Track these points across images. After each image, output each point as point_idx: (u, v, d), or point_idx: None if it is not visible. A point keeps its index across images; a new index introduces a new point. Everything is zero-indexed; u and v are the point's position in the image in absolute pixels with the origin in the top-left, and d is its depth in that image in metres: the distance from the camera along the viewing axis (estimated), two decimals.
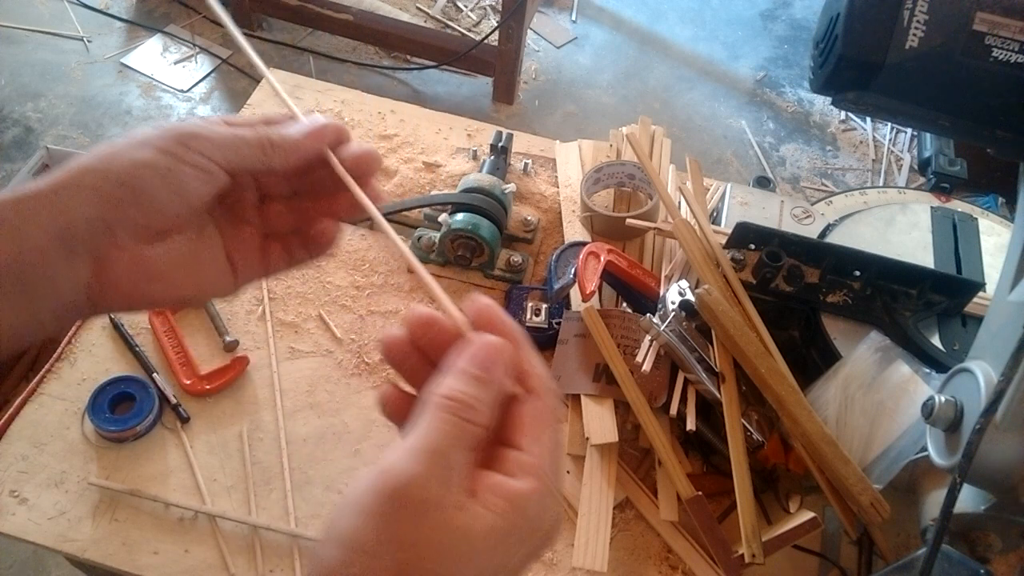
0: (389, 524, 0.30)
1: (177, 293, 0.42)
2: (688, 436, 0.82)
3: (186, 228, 0.42)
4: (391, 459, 0.31)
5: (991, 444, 0.57)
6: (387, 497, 0.30)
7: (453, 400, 0.32)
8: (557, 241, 1.03)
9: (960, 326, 0.86)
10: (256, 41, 2.58)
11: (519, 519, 0.32)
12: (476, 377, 0.33)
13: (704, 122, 2.60)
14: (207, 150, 0.40)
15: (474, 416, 0.32)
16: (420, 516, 0.30)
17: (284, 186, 0.46)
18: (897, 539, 0.79)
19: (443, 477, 0.31)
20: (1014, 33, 0.56)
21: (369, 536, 0.30)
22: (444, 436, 0.31)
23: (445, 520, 0.30)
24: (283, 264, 0.47)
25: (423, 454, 0.31)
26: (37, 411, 0.84)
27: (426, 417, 0.32)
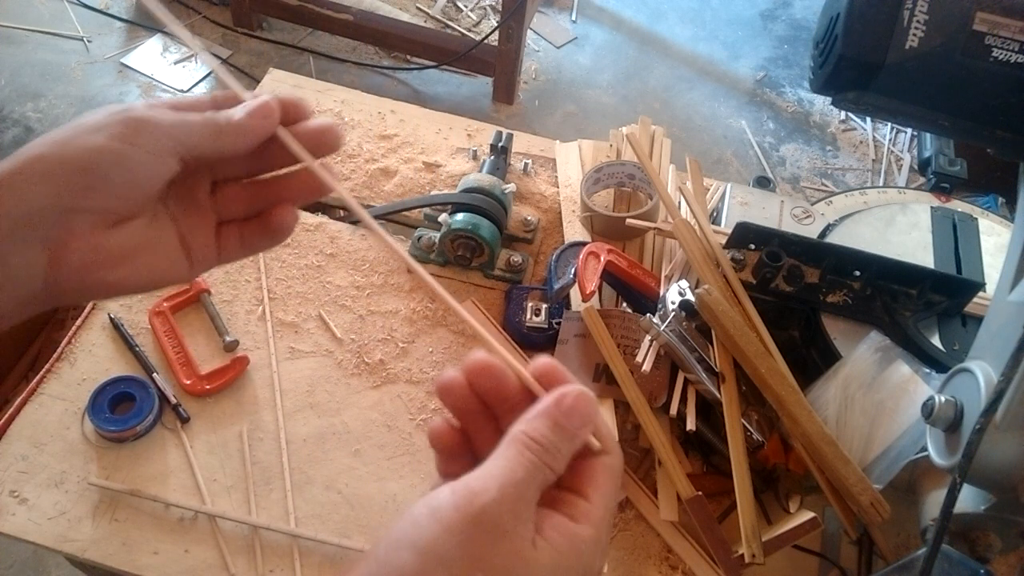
0: (469, 541, 0.32)
1: (134, 280, 0.42)
2: (688, 436, 0.82)
3: (141, 214, 0.42)
4: (473, 482, 0.33)
5: (991, 444, 0.57)
6: (470, 517, 0.32)
7: (537, 442, 0.35)
8: (557, 241, 1.03)
9: (960, 326, 0.86)
10: (256, 41, 2.58)
11: (575, 560, 0.34)
12: (561, 426, 0.35)
13: (704, 122, 2.60)
14: (158, 136, 0.40)
15: (552, 461, 0.35)
16: (497, 540, 0.32)
17: (238, 169, 0.46)
18: (897, 539, 0.79)
19: (518, 508, 0.33)
20: (1014, 33, 0.56)
21: (449, 549, 0.32)
22: (524, 472, 0.34)
23: (517, 549, 0.32)
24: (239, 251, 0.47)
25: (505, 485, 0.33)
26: (37, 411, 0.84)
27: (510, 451, 0.34)
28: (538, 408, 0.36)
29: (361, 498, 0.82)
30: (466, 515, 0.32)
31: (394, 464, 0.84)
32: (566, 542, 0.34)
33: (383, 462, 0.84)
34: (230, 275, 0.96)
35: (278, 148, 0.43)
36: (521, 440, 0.35)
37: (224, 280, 0.96)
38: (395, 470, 0.84)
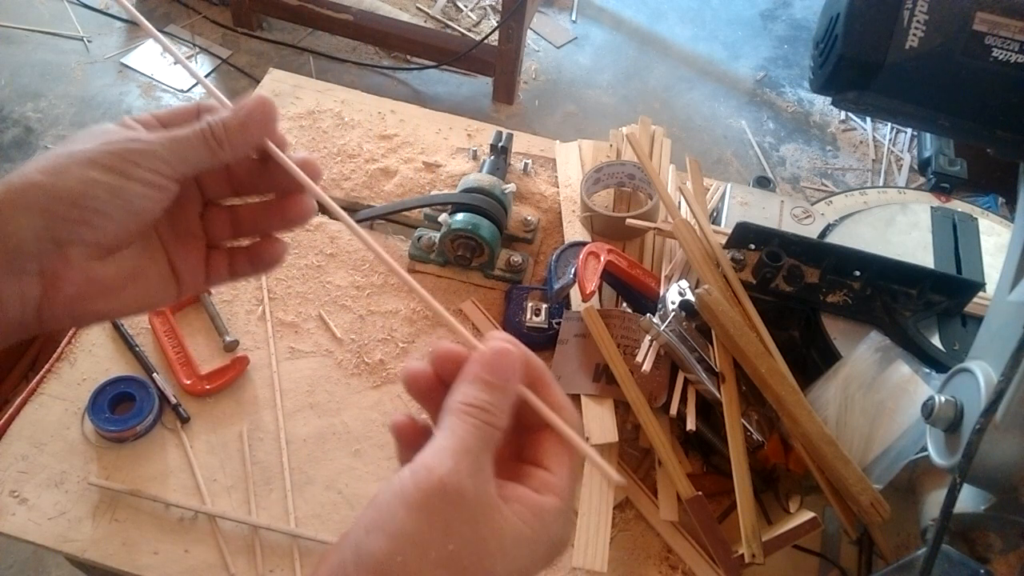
0: (435, 515, 0.32)
1: (125, 306, 0.42)
2: (688, 436, 0.82)
3: (134, 242, 0.42)
4: (428, 459, 0.34)
5: (991, 444, 0.57)
6: (431, 491, 0.33)
7: (473, 406, 0.35)
8: (557, 241, 1.03)
9: (960, 326, 0.86)
10: (256, 41, 2.58)
11: (541, 530, 0.35)
12: (491, 384, 0.36)
13: (704, 122, 2.60)
14: (155, 165, 0.40)
15: (493, 420, 0.35)
16: (462, 508, 0.33)
17: (226, 187, 0.46)
18: (897, 539, 0.79)
19: (476, 474, 0.34)
20: (1014, 33, 0.56)
21: (418, 527, 0.32)
22: (471, 437, 0.34)
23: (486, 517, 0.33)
24: (227, 276, 0.47)
25: (456, 453, 0.34)
26: (37, 411, 0.84)
27: (451, 422, 0.35)
28: (465, 373, 0.37)
29: (361, 498, 0.82)
30: (427, 491, 0.33)
31: (394, 464, 0.84)
32: (529, 513, 0.35)
33: (383, 462, 0.84)
34: None
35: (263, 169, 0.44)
36: (459, 409, 0.35)
37: None
38: (395, 470, 0.83)
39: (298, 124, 1.14)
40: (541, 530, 0.35)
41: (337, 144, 1.12)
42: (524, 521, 0.34)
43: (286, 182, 0.44)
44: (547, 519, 0.35)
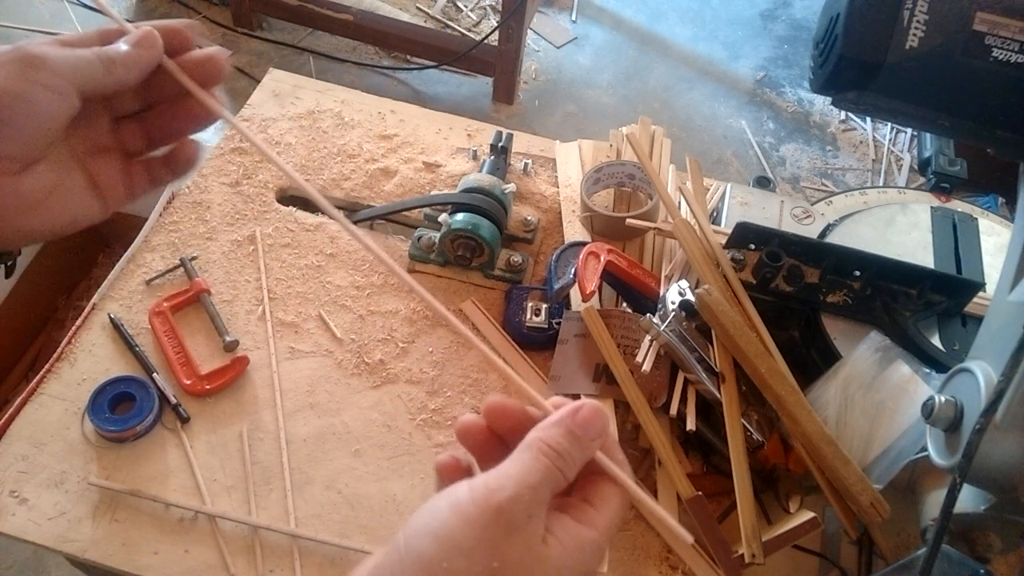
0: (485, 533, 0.34)
1: (49, 224, 0.43)
2: (688, 436, 0.82)
3: (46, 157, 0.42)
4: (490, 480, 0.36)
5: (991, 444, 0.57)
6: (487, 511, 0.34)
7: (553, 449, 0.37)
8: (557, 241, 1.03)
9: (960, 326, 0.86)
10: (256, 41, 2.58)
11: (578, 561, 0.37)
12: (575, 435, 0.38)
13: (704, 122, 2.60)
14: (55, 69, 0.40)
15: (564, 467, 0.37)
16: (511, 533, 0.34)
17: (134, 103, 0.47)
18: (897, 539, 0.79)
19: (532, 507, 0.35)
20: (1014, 33, 0.56)
21: (468, 539, 0.34)
22: (539, 475, 0.36)
23: (529, 543, 0.35)
24: (148, 185, 0.48)
25: (521, 485, 0.35)
26: (37, 411, 0.84)
27: (526, 455, 0.37)
28: (554, 418, 0.38)
29: (361, 498, 0.82)
30: (484, 509, 0.34)
31: (394, 464, 0.84)
32: (572, 542, 0.36)
33: (383, 462, 0.84)
34: (230, 275, 0.96)
35: (168, 79, 0.45)
36: (537, 446, 0.37)
37: (224, 280, 0.96)
38: (395, 470, 0.84)
39: (298, 124, 1.14)
40: (578, 561, 0.37)
41: (337, 144, 1.12)
42: (565, 547, 0.36)
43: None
44: (585, 549, 0.37)
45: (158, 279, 0.95)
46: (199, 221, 1.01)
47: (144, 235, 0.99)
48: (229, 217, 1.02)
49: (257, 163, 1.08)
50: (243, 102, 1.16)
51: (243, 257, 0.98)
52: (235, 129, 0.45)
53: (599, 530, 0.38)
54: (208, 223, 1.01)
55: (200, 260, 0.97)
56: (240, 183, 1.05)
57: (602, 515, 0.39)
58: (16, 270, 1.38)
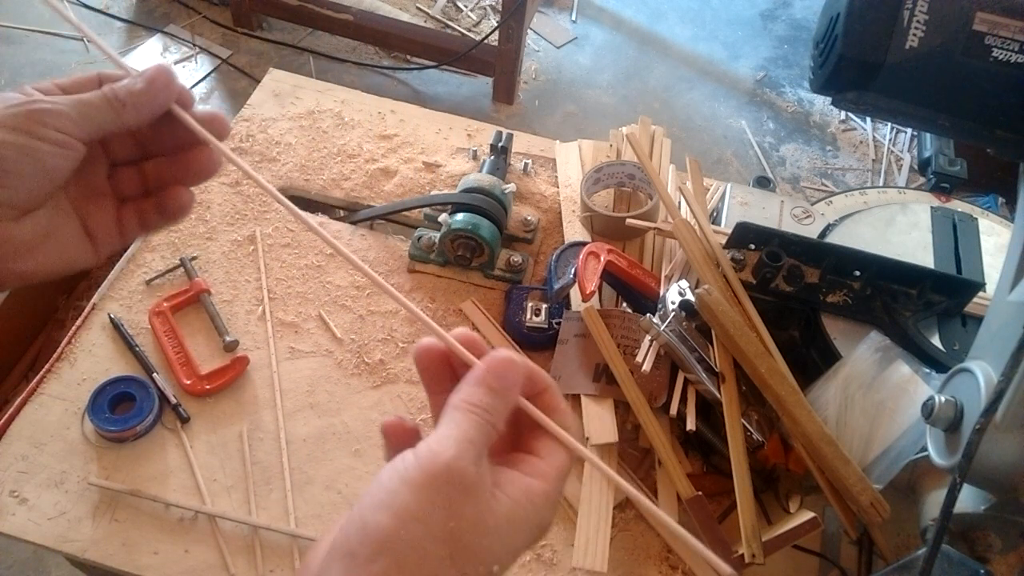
0: (437, 495, 0.35)
1: (43, 268, 0.44)
2: (688, 436, 0.82)
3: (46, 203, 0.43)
4: (432, 444, 0.36)
5: (991, 444, 0.57)
6: (435, 473, 0.35)
7: (476, 406, 0.38)
8: (557, 241, 1.03)
9: (960, 326, 0.86)
10: (256, 41, 2.58)
11: (530, 510, 0.37)
12: (494, 389, 0.39)
13: (704, 122, 2.60)
14: (61, 124, 0.40)
15: (492, 419, 0.38)
16: (463, 491, 0.35)
17: (133, 149, 0.47)
18: (897, 539, 0.79)
19: (476, 461, 0.36)
20: (1014, 33, 0.56)
21: (422, 505, 0.34)
22: (473, 429, 0.37)
23: (482, 498, 0.36)
24: (138, 230, 0.48)
25: (459, 441, 0.36)
26: (37, 411, 0.84)
27: (455, 416, 0.38)
28: (472, 376, 0.39)
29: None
30: (431, 473, 0.35)
31: None
32: (521, 493, 0.38)
33: (383, 462, 0.84)
34: (230, 275, 0.96)
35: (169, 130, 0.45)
36: (463, 406, 0.38)
37: (224, 280, 0.96)
38: None
39: (298, 124, 1.14)
40: (532, 512, 0.38)
41: (337, 144, 1.12)
42: (514, 500, 0.37)
43: (190, 138, 0.45)
44: (536, 501, 0.38)
45: (158, 279, 0.95)
46: (199, 221, 1.01)
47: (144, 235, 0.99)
48: (229, 217, 1.02)
49: (257, 163, 1.08)
50: (243, 102, 1.16)
51: (243, 257, 0.98)
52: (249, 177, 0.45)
53: (547, 479, 0.39)
54: (208, 223, 1.01)
55: (200, 260, 0.97)
56: (240, 183, 1.05)
57: (548, 464, 0.40)
58: None
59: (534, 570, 0.78)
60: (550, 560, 0.79)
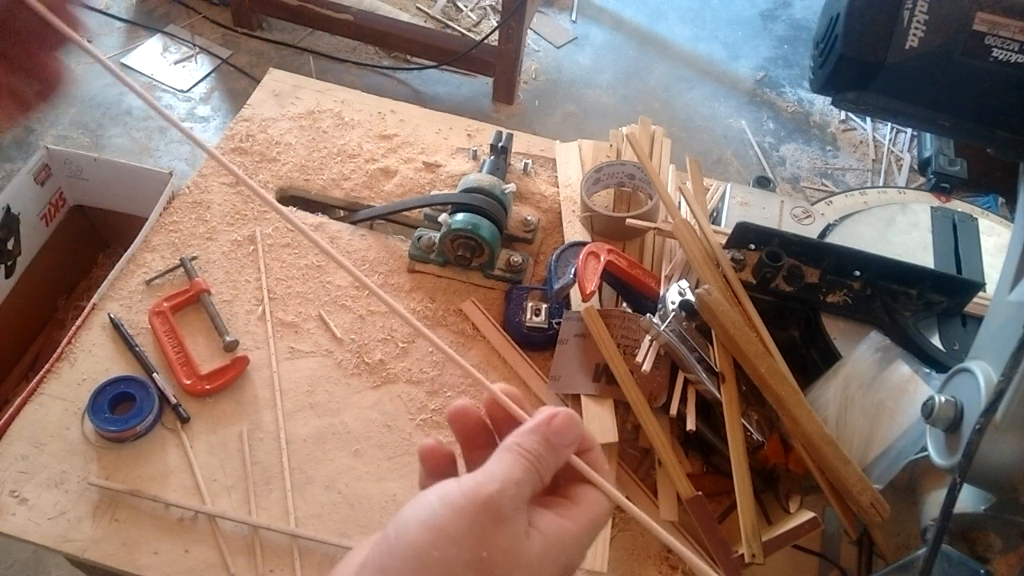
0: (474, 523, 0.36)
1: None
2: (688, 436, 0.82)
3: None
4: (478, 476, 0.38)
5: (991, 444, 0.57)
6: (476, 503, 0.36)
7: (530, 452, 0.39)
8: (557, 241, 1.03)
9: (960, 326, 0.86)
10: (256, 41, 2.58)
11: (559, 551, 0.38)
12: (550, 442, 0.40)
13: (704, 122, 2.60)
14: None
15: (541, 469, 0.39)
16: (498, 524, 0.36)
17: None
18: (897, 539, 0.79)
19: (517, 501, 0.37)
20: (1014, 33, 0.56)
21: (458, 529, 0.35)
22: (519, 472, 0.38)
23: (516, 535, 0.37)
24: (18, 110, 0.48)
25: (506, 480, 0.37)
26: (37, 411, 0.84)
27: (507, 456, 0.39)
28: (530, 424, 0.41)
29: (361, 498, 0.82)
30: (473, 501, 0.36)
31: (394, 464, 0.84)
32: (554, 534, 0.38)
33: (383, 462, 0.84)
34: (230, 275, 0.96)
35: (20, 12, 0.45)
36: (516, 449, 0.39)
37: (224, 280, 0.96)
38: (395, 470, 0.84)
39: (298, 124, 1.14)
40: (560, 552, 0.38)
41: (337, 144, 1.12)
42: (547, 538, 0.38)
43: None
44: (567, 543, 0.39)
45: (158, 279, 0.95)
46: (199, 221, 1.01)
47: (144, 235, 0.99)
48: (229, 217, 1.02)
49: (257, 163, 1.08)
50: (243, 102, 1.16)
51: (243, 257, 0.98)
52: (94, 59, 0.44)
53: (580, 524, 0.40)
54: (208, 223, 1.01)
55: (200, 260, 0.97)
56: (240, 183, 1.05)
57: (583, 512, 0.40)
58: (16, 270, 1.38)
59: None
60: None
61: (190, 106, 2.40)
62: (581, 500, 0.41)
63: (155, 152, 2.28)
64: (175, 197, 1.04)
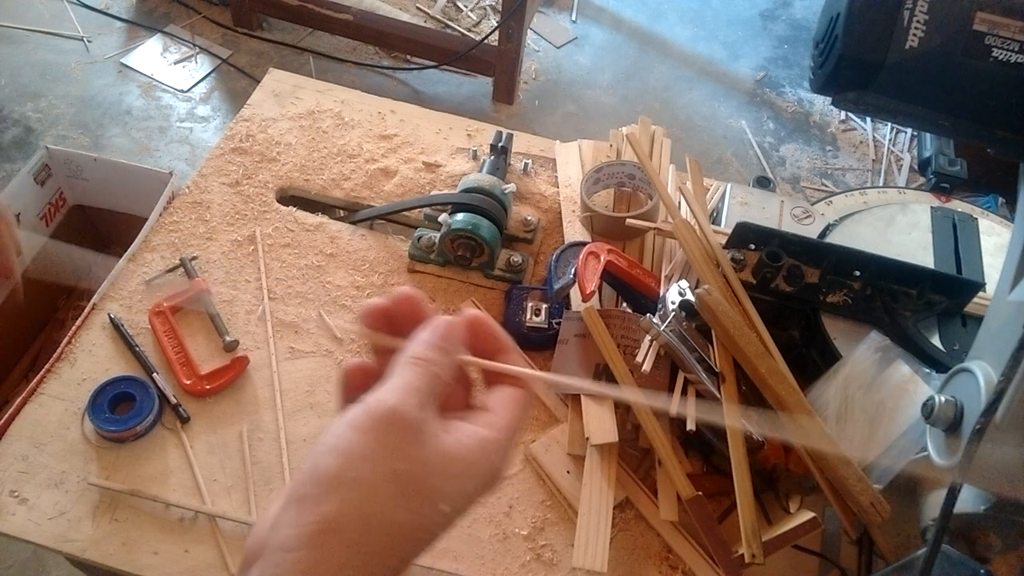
0: (384, 437, 0.36)
1: None
2: (688, 436, 0.82)
3: None
4: (379, 393, 0.38)
5: (991, 444, 0.57)
6: (380, 417, 0.37)
7: (421, 359, 0.40)
8: (557, 241, 1.03)
9: (960, 326, 0.86)
10: (256, 41, 2.58)
11: (479, 456, 0.39)
12: (438, 347, 0.41)
13: (704, 122, 2.60)
14: None
15: (436, 370, 0.40)
16: (408, 432, 0.37)
17: None
18: (897, 539, 0.79)
19: (421, 406, 0.38)
20: (1014, 33, 0.56)
21: (369, 447, 0.36)
22: (418, 379, 0.39)
23: (430, 443, 0.38)
24: None
25: (405, 389, 0.38)
26: (37, 411, 0.84)
27: (403, 368, 0.40)
28: (416, 336, 0.42)
29: None
30: (377, 416, 0.37)
31: None
32: (470, 440, 0.39)
33: None
34: (230, 275, 0.96)
35: None
36: (409, 360, 0.40)
37: (224, 280, 0.96)
38: None
39: (298, 124, 1.14)
40: (481, 457, 0.39)
41: (337, 144, 1.12)
42: (464, 447, 0.39)
43: None
44: (488, 447, 0.40)
45: (158, 279, 0.95)
46: (199, 221, 1.01)
47: (144, 235, 0.99)
48: (229, 217, 1.02)
49: (257, 163, 1.08)
50: (243, 102, 1.16)
51: (243, 257, 0.98)
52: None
53: (498, 429, 0.41)
54: (208, 223, 1.01)
55: (200, 260, 0.97)
56: (240, 183, 1.05)
57: (499, 416, 0.42)
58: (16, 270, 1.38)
59: (534, 570, 0.78)
60: (550, 560, 0.79)
61: (190, 106, 2.40)
62: (496, 407, 0.42)
63: (155, 152, 2.28)
64: (175, 197, 1.04)
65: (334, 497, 0.35)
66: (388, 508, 0.35)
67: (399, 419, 0.37)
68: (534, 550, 0.79)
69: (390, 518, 0.35)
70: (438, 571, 0.77)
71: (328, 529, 0.34)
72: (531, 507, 0.82)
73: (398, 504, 0.36)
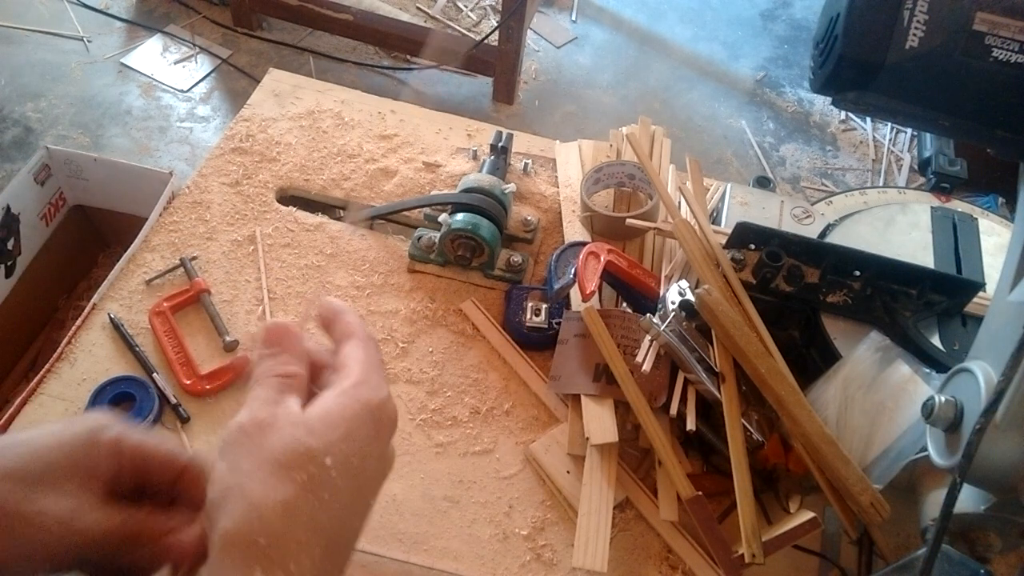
0: (244, 445, 0.39)
1: None
2: (688, 436, 0.82)
3: None
4: (239, 415, 0.41)
5: (991, 444, 0.57)
6: (234, 436, 0.40)
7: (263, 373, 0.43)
8: (557, 241, 1.03)
9: (960, 326, 0.86)
10: (256, 41, 2.58)
11: (351, 402, 0.42)
12: (267, 355, 0.44)
13: (704, 122, 2.60)
14: None
15: (278, 372, 0.43)
16: (262, 428, 0.39)
17: None
18: (897, 539, 0.79)
19: (269, 404, 0.41)
20: (1014, 33, 0.56)
21: (238, 457, 0.39)
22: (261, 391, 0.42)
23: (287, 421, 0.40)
24: None
25: (248, 405, 0.41)
26: (37, 411, 0.84)
27: (253, 389, 0.43)
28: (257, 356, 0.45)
29: None
30: (231, 439, 0.40)
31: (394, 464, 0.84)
32: (334, 395, 0.42)
33: None
34: (230, 275, 0.96)
35: None
36: (254, 379, 0.43)
37: (224, 280, 0.96)
38: (395, 470, 0.83)
39: (298, 124, 1.14)
40: (349, 401, 0.42)
41: (337, 144, 1.12)
42: (330, 403, 0.41)
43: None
44: (350, 392, 0.42)
45: (158, 279, 0.95)
46: (199, 221, 1.01)
47: (144, 235, 0.99)
48: (229, 217, 1.02)
49: (257, 163, 1.08)
50: (243, 102, 1.16)
51: (243, 257, 0.98)
52: None
53: (354, 374, 0.43)
54: (208, 223, 1.01)
55: (200, 260, 0.97)
56: (240, 183, 1.05)
57: (350, 364, 0.44)
58: (16, 270, 1.38)
59: (534, 570, 0.78)
60: (550, 560, 0.79)
61: (190, 106, 2.40)
62: (344, 360, 0.45)
63: (155, 152, 2.28)
64: (175, 197, 1.04)
65: (226, 516, 0.37)
66: (269, 493, 0.37)
67: (247, 425, 0.40)
68: (534, 550, 0.79)
69: (278, 499, 0.37)
70: (438, 571, 0.77)
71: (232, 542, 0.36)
72: (531, 507, 0.82)
73: (278, 481, 0.37)
